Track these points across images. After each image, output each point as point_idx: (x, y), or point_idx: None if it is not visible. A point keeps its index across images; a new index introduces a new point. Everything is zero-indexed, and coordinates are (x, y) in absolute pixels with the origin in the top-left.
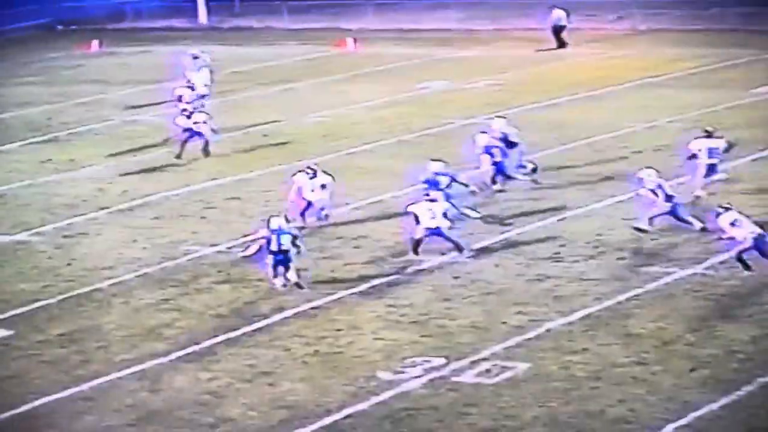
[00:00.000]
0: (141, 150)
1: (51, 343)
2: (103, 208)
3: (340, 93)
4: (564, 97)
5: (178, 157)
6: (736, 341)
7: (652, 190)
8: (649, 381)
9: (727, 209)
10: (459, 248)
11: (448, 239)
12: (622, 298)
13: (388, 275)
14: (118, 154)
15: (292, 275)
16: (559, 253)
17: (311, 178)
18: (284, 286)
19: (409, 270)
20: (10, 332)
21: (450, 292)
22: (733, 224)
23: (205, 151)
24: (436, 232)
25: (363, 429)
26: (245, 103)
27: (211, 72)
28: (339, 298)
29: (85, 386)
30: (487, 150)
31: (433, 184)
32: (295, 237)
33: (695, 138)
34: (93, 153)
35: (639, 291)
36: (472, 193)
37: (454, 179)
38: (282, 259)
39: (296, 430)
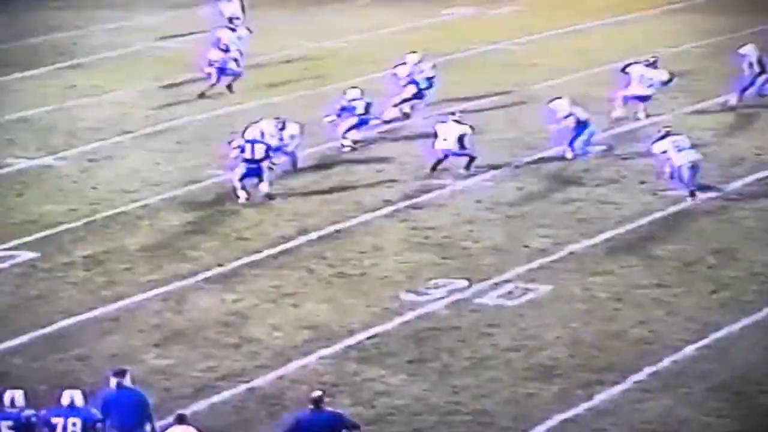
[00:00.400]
0: (166, 75)
1: (76, 265)
2: (127, 132)
3: (364, 18)
4: (589, 22)
5: (202, 95)
6: (757, 263)
7: (566, 117)
8: (670, 303)
9: (665, 135)
10: (470, 160)
11: (459, 155)
12: (644, 221)
13: (411, 198)
14: (143, 79)
15: (264, 186)
16: (581, 176)
17: (280, 130)
18: (247, 199)
19: (432, 193)
20: (37, 254)
21: (473, 215)
22: (666, 152)
23: (230, 87)
24: (448, 153)
25: (386, 349)
26: (269, 28)
27: (242, 1)
28: (362, 221)
29: (110, 307)
30: (412, 80)
31: (349, 110)
32: (269, 148)
33: (634, 63)
34: (118, 78)
35: (661, 214)
36: (385, 122)
37: (369, 106)
38: (255, 170)
39: (320, 350)
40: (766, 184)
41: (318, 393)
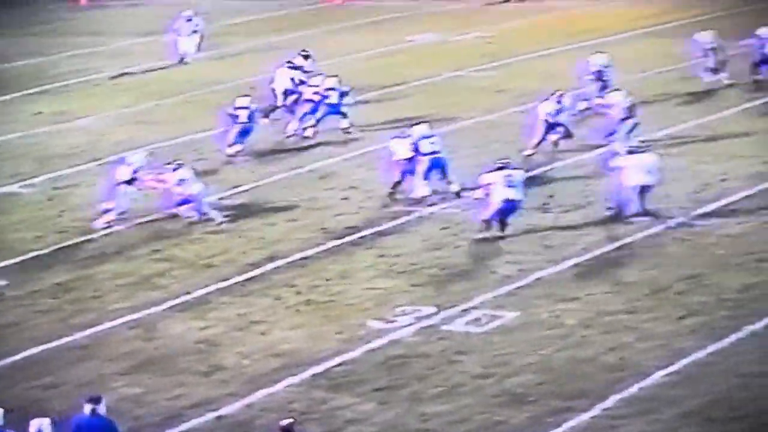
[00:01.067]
0: (134, 102)
1: (45, 293)
2: (95, 160)
3: (330, 45)
4: (556, 48)
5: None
6: (726, 289)
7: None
8: (639, 329)
9: (501, 168)
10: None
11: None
12: (612, 247)
13: (378, 225)
14: (112, 106)
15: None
16: (548, 203)
17: (174, 170)
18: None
19: (399, 219)
20: (5, 282)
21: (440, 242)
22: (491, 184)
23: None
24: (408, 163)
25: (355, 376)
26: (236, 56)
27: (201, 38)
28: (330, 248)
29: (79, 335)
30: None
31: (233, 117)
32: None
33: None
34: (86, 105)
35: (629, 240)
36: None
37: (253, 115)
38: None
39: (289, 378)
40: (731, 210)
41: (288, 421)
